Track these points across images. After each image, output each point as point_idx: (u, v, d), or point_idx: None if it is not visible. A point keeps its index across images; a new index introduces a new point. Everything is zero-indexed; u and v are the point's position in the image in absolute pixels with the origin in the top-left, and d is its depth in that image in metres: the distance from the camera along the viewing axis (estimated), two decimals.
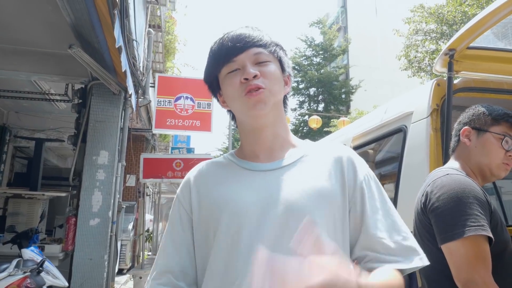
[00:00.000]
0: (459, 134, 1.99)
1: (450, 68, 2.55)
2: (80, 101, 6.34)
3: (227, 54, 1.21)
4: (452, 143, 2.06)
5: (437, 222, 1.74)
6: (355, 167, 1.22)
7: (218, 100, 1.34)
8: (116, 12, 4.02)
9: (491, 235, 1.62)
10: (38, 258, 4.93)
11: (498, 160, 1.86)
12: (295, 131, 27.85)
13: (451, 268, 1.67)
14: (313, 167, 1.21)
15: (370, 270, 1.06)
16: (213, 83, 1.30)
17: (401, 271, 1.08)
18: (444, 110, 2.54)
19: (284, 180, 1.17)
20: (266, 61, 1.22)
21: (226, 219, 1.14)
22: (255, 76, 1.18)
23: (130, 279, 10.02)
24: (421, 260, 1.10)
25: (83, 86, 6.37)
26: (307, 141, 1.33)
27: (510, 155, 1.86)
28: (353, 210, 1.17)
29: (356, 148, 3.66)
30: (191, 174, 1.31)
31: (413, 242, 1.13)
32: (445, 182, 1.78)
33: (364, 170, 1.23)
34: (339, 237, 1.14)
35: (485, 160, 1.88)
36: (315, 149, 1.28)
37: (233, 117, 1.35)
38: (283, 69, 1.28)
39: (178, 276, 1.21)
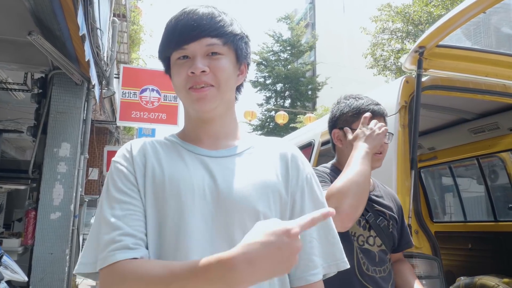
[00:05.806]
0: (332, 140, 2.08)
1: (419, 65, 2.59)
2: (40, 91, 6.11)
3: (178, 40, 1.17)
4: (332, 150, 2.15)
5: None
6: (298, 165, 1.25)
7: (171, 78, 1.28)
8: None
9: None
10: None
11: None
12: (262, 127, 27.95)
13: None
14: (259, 159, 1.23)
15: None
16: (165, 62, 1.26)
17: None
18: (413, 107, 2.58)
19: (230, 169, 1.18)
20: (218, 54, 1.17)
21: (173, 199, 1.12)
22: (203, 71, 1.14)
23: None
24: (336, 265, 1.21)
25: (43, 75, 6.14)
26: (253, 134, 1.34)
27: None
28: (293, 206, 1.21)
29: (325, 143, 3.66)
30: (133, 144, 1.23)
31: (336, 248, 1.23)
32: None
33: (307, 169, 1.27)
34: None
35: None
36: (260, 143, 1.29)
37: None
38: (238, 59, 1.23)
39: (133, 236, 1.08)
